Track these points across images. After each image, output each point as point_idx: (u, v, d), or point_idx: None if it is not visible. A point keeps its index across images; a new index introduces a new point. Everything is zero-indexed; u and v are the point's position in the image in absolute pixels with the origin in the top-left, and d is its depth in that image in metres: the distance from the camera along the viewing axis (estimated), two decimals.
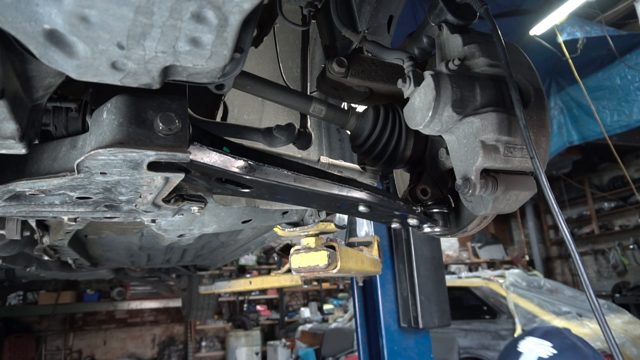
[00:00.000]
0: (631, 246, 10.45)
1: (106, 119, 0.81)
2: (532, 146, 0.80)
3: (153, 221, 1.40)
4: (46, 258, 2.17)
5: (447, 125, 0.91)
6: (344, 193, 1.06)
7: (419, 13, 4.73)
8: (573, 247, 0.72)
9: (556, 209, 0.74)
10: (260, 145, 1.24)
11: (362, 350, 3.39)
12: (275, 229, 2.13)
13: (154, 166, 0.86)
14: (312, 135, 1.28)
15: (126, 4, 0.55)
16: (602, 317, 0.68)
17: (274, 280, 4.53)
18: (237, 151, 0.96)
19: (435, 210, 1.11)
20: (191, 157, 0.85)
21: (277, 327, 10.35)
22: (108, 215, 1.20)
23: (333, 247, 2.10)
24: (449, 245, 12.44)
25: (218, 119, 1.37)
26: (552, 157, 7.78)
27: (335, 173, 1.29)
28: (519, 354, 1.43)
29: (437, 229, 1.12)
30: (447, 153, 1.00)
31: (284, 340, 8.98)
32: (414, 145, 1.15)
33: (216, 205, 1.56)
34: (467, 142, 0.91)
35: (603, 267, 11.29)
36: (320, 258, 2.06)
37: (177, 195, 1.13)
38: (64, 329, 9.14)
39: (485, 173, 0.91)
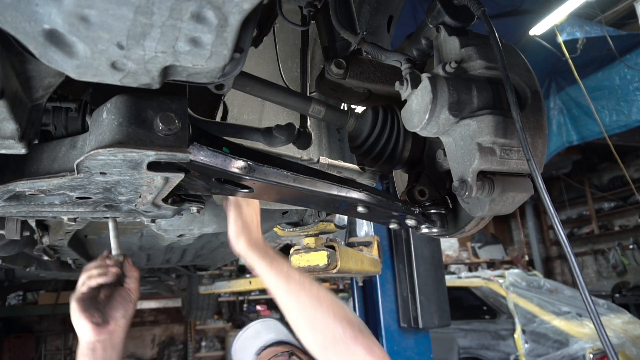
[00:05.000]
0: (631, 246, 10.44)
1: (106, 119, 0.81)
2: (529, 148, 0.80)
3: (153, 221, 1.40)
4: (46, 258, 2.17)
5: (444, 128, 0.91)
6: (343, 194, 1.07)
7: (419, 13, 4.72)
8: (569, 249, 0.72)
9: (552, 212, 0.74)
10: (260, 145, 1.24)
11: None
12: (275, 229, 2.13)
13: (153, 166, 0.87)
14: (312, 135, 1.29)
15: (126, 4, 0.55)
16: (598, 318, 0.69)
17: None
18: (236, 151, 0.96)
19: (433, 211, 1.11)
20: (191, 157, 0.86)
21: None
22: (108, 215, 1.21)
23: (333, 247, 2.10)
24: (449, 245, 12.43)
25: (218, 119, 1.37)
26: (552, 157, 7.77)
27: (335, 173, 1.30)
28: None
29: (434, 230, 1.12)
30: (445, 154, 1.00)
31: None
32: (412, 146, 1.15)
33: (216, 205, 1.56)
34: (463, 144, 0.91)
35: (603, 267, 11.28)
36: (320, 258, 2.06)
37: (176, 196, 1.13)
38: (64, 329, 9.13)
39: (482, 175, 0.91)
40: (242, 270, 6.01)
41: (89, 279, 1.17)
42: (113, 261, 1.22)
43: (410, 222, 1.12)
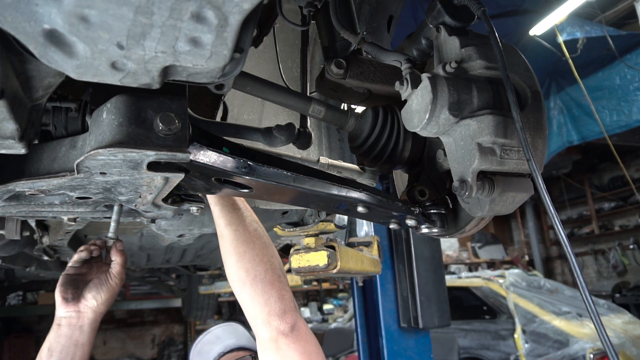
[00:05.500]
0: (631, 246, 10.44)
1: (106, 119, 0.81)
2: (529, 148, 0.80)
3: (153, 221, 1.40)
4: (46, 258, 2.17)
5: (444, 128, 0.91)
6: (343, 194, 1.07)
7: (419, 13, 4.72)
8: (569, 249, 0.72)
9: (552, 212, 0.74)
10: (260, 145, 1.24)
11: (362, 350, 3.39)
12: (275, 229, 2.13)
13: (153, 166, 0.87)
14: (312, 135, 1.29)
15: (126, 4, 0.55)
16: (598, 318, 0.69)
17: None
18: (236, 151, 0.96)
19: (433, 211, 1.11)
20: (191, 157, 0.86)
21: None
22: (108, 215, 1.21)
23: (333, 247, 2.10)
24: (449, 245, 12.43)
25: (218, 118, 1.37)
26: (552, 157, 7.77)
27: (335, 173, 1.30)
28: None
29: (435, 230, 1.12)
30: (445, 155, 1.00)
31: None
32: (412, 146, 1.15)
33: None
34: (464, 144, 0.91)
35: (603, 267, 11.28)
36: (320, 258, 2.06)
37: (176, 196, 1.14)
38: None
39: (482, 175, 0.91)
40: None
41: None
42: (100, 242, 1.23)
43: (410, 222, 1.12)
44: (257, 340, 1.17)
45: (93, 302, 1.19)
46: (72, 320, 1.15)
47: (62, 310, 1.15)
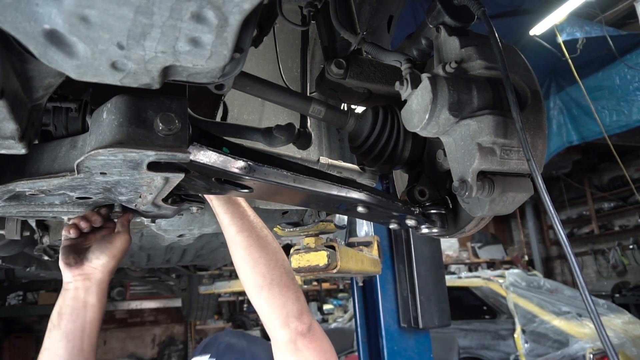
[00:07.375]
0: (631, 246, 10.44)
1: (106, 119, 0.81)
2: (529, 148, 0.80)
3: (153, 221, 1.40)
4: (46, 258, 2.17)
5: (444, 128, 0.91)
6: (343, 194, 1.07)
7: (419, 13, 4.72)
8: (569, 249, 0.72)
9: (552, 212, 0.74)
10: (260, 145, 1.24)
11: (362, 350, 3.39)
12: (275, 229, 2.13)
13: (153, 166, 0.87)
14: (312, 135, 1.29)
15: (126, 4, 0.55)
16: (598, 318, 0.69)
17: None
18: (236, 151, 0.96)
19: (433, 211, 1.11)
20: (191, 157, 0.86)
21: None
22: None
23: (333, 247, 2.10)
24: (449, 245, 12.42)
25: (218, 119, 1.37)
26: (552, 157, 7.76)
27: (335, 173, 1.30)
28: None
29: (435, 230, 1.12)
30: (445, 154, 1.00)
31: None
32: (412, 146, 1.15)
33: None
34: (464, 144, 0.91)
35: (603, 267, 11.28)
36: (320, 258, 2.06)
37: (176, 196, 1.14)
38: None
39: (482, 175, 0.91)
40: None
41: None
42: (105, 212, 1.16)
43: (410, 222, 1.12)
44: (273, 344, 1.18)
45: (97, 262, 1.17)
46: (77, 284, 1.15)
47: (68, 275, 1.15)
